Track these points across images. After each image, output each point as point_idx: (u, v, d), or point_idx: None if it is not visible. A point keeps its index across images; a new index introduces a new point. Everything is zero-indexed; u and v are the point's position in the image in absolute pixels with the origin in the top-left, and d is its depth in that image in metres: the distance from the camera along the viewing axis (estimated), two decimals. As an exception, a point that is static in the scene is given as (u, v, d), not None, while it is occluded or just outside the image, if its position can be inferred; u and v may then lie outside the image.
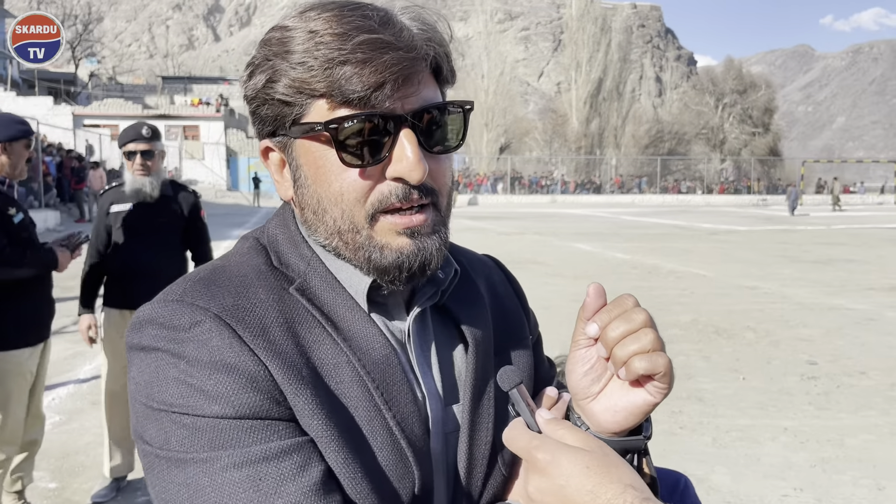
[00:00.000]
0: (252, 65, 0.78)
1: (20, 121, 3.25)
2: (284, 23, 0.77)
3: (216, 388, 0.69)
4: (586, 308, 0.76)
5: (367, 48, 0.71)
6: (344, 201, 0.76)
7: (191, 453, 0.68)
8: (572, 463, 0.65)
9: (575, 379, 0.78)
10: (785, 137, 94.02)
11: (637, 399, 0.74)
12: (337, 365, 0.76)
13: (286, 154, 0.80)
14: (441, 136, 0.78)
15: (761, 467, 4.18)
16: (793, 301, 9.55)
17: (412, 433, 0.78)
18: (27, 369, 3.22)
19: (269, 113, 0.78)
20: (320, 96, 0.73)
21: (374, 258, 0.77)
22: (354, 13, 0.74)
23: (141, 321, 0.75)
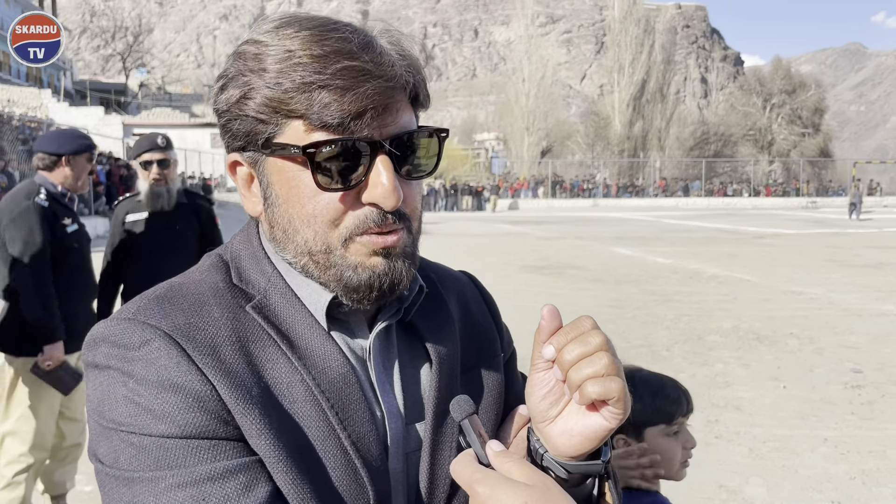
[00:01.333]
0: (224, 77, 0.78)
1: (83, 135, 3.43)
2: (259, 37, 0.76)
3: (163, 407, 0.69)
4: (542, 330, 0.75)
5: (348, 75, 0.71)
6: (317, 223, 0.76)
7: (137, 472, 0.68)
8: (511, 498, 0.65)
9: (533, 402, 0.77)
10: (836, 138, 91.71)
11: (592, 424, 0.73)
12: (290, 384, 0.76)
13: (256, 170, 0.80)
14: (416, 162, 0.79)
15: (798, 479, 4.07)
16: (839, 307, 9.28)
17: (368, 452, 0.77)
18: None
19: (241, 128, 0.77)
20: (297, 117, 0.73)
21: (345, 277, 0.77)
22: (333, 34, 0.74)
23: (95, 339, 0.75)
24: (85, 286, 3.43)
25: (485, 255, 15.69)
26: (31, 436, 3.25)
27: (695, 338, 7.55)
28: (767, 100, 67.38)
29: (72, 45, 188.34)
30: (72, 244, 3.30)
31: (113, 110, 51.04)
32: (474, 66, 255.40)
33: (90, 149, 3.34)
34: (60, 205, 3.28)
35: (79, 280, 3.38)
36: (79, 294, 3.38)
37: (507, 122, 61.98)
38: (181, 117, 50.67)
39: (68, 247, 3.29)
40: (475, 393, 0.90)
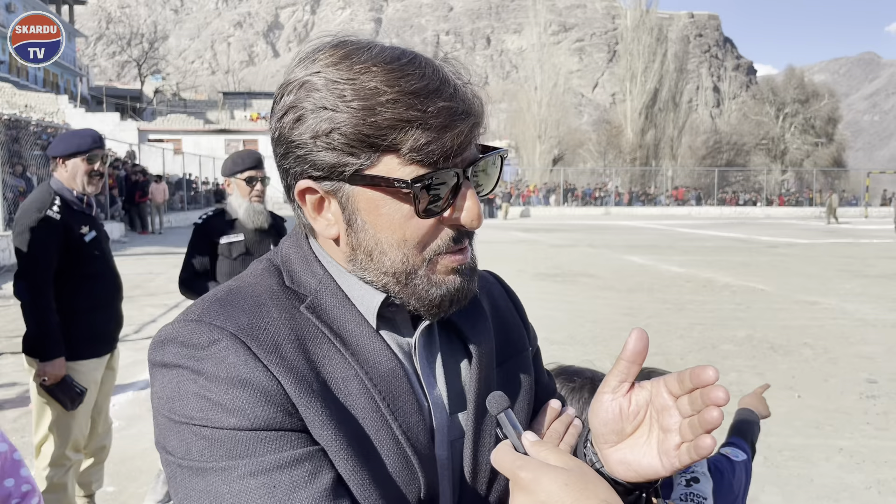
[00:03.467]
0: (298, 108, 0.80)
1: (83, 136, 3.27)
2: (325, 70, 0.79)
3: (233, 402, 0.74)
4: (628, 351, 0.80)
5: (444, 115, 0.77)
6: (407, 246, 0.82)
7: (210, 462, 0.73)
8: (552, 481, 0.69)
9: (597, 424, 0.83)
10: (850, 148, 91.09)
11: (649, 468, 0.79)
12: (345, 378, 0.81)
13: (336, 197, 0.83)
14: (485, 183, 0.86)
15: (814, 488, 4.08)
16: (854, 317, 9.26)
17: (417, 441, 0.83)
18: (93, 379, 3.33)
19: (325, 160, 0.80)
20: (391, 152, 0.77)
21: (429, 294, 0.83)
22: (413, 68, 0.78)
23: (162, 340, 0.80)
24: (111, 290, 3.41)
25: (497, 263, 15.72)
26: (68, 437, 3.27)
27: (709, 346, 7.56)
28: (780, 109, 67.12)
29: (88, 52, 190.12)
30: (92, 252, 3.24)
31: (128, 116, 51.50)
32: (486, 73, 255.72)
33: (84, 150, 3.20)
34: (75, 212, 3.20)
35: (103, 285, 3.35)
36: (105, 299, 3.36)
37: (519, 129, 62.00)
38: (196, 123, 51.02)
39: (88, 255, 3.23)
40: (509, 385, 0.96)
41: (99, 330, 3.33)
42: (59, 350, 3.12)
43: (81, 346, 3.25)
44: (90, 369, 3.31)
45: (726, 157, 63.32)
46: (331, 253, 0.88)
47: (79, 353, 3.24)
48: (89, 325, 3.27)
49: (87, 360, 3.29)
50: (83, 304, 3.23)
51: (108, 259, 3.41)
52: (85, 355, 3.27)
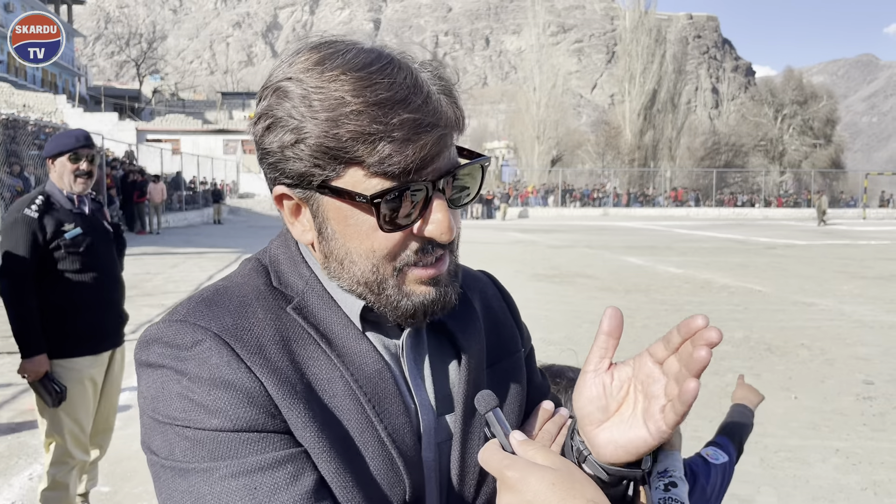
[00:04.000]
0: (270, 116, 0.79)
1: (70, 137, 3.30)
2: (300, 75, 0.78)
3: (215, 403, 0.74)
4: (602, 331, 0.79)
5: (408, 127, 0.75)
6: (375, 257, 0.80)
7: (192, 463, 0.73)
8: (539, 480, 0.69)
9: (581, 403, 0.81)
10: (848, 149, 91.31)
11: (636, 439, 0.77)
12: (330, 380, 0.81)
13: (308, 205, 0.83)
14: (462, 193, 0.84)
15: (809, 489, 4.08)
16: (851, 318, 9.26)
17: (403, 443, 0.82)
18: (87, 376, 3.32)
19: (294, 169, 0.79)
20: (356, 164, 0.76)
21: (401, 305, 0.82)
22: (382, 77, 0.76)
23: (147, 340, 0.80)
24: (104, 288, 3.37)
25: (495, 263, 15.72)
26: (72, 436, 3.28)
27: (706, 347, 7.55)
28: (779, 110, 67.19)
29: (86, 52, 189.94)
30: (76, 250, 3.24)
31: (127, 116, 51.47)
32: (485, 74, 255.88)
33: (68, 149, 3.23)
34: (60, 210, 3.22)
35: (94, 283, 3.32)
36: (96, 297, 3.33)
37: (518, 130, 62.07)
38: (194, 123, 50.98)
39: (72, 253, 3.23)
40: (500, 386, 0.95)
41: (90, 327, 3.31)
42: (38, 347, 3.13)
43: (70, 344, 3.25)
44: (83, 367, 3.30)
45: (725, 159, 63.38)
46: (319, 262, 0.88)
47: (67, 350, 3.24)
48: (78, 323, 3.26)
49: (77, 357, 3.28)
50: (69, 301, 3.23)
51: (102, 257, 3.38)
52: (75, 353, 3.26)
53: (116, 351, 3.53)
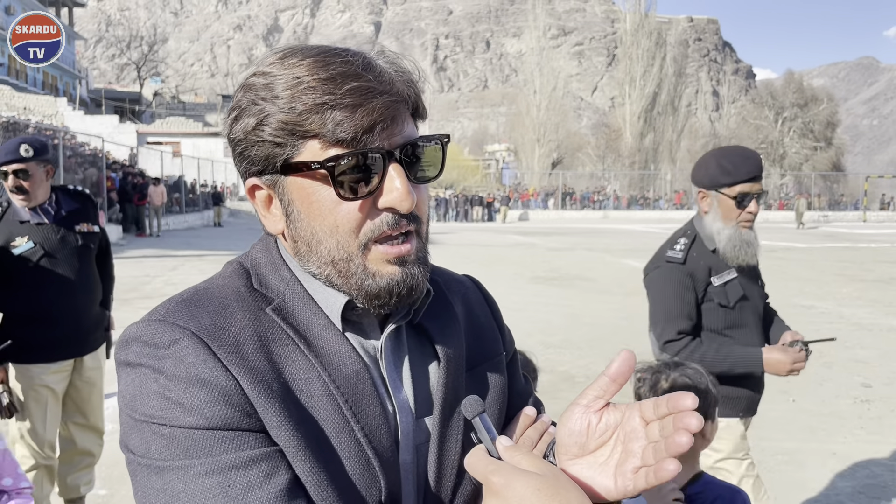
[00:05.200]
0: (237, 108, 0.83)
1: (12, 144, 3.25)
2: (265, 69, 0.82)
3: (191, 401, 0.75)
4: (611, 371, 0.79)
5: (357, 94, 0.78)
6: (339, 232, 0.82)
7: (168, 461, 0.74)
8: (524, 486, 0.69)
9: (562, 434, 0.81)
10: (849, 152, 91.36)
11: (601, 486, 0.77)
12: (308, 380, 0.81)
13: (276, 191, 0.85)
14: (423, 168, 0.85)
15: (805, 493, 4.08)
16: (850, 321, 9.26)
17: (379, 444, 0.83)
18: (40, 384, 3.28)
19: (259, 154, 0.82)
20: (312, 137, 0.79)
21: (366, 285, 0.83)
22: (336, 58, 0.80)
23: (127, 339, 0.81)
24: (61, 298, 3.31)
25: (494, 266, 15.73)
26: (31, 439, 3.29)
27: (704, 350, 7.55)
28: (779, 113, 67.23)
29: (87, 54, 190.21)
30: (24, 264, 3.20)
31: (127, 119, 51.52)
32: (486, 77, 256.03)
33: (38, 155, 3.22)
34: (12, 223, 3.20)
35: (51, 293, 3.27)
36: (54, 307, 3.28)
37: (518, 133, 62.17)
38: (195, 126, 51.04)
39: (21, 267, 3.19)
40: (480, 390, 0.96)
41: (45, 337, 3.26)
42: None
43: (24, 351, 3.23)
44: (35, 374, 3.28)
45: (725, 161, 63.26)
46: (289, 249, 0.89)
47: (22, 356, 3.24)
48: (35, 332, 3.23)
49: (30, 364, 3.26)
50: (25, 311, 3.22)
51: (63, 266, 3.31)
52: (28, 360, 3.26)
53: (87, 357, 3.48)
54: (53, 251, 3.29)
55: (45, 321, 3.28)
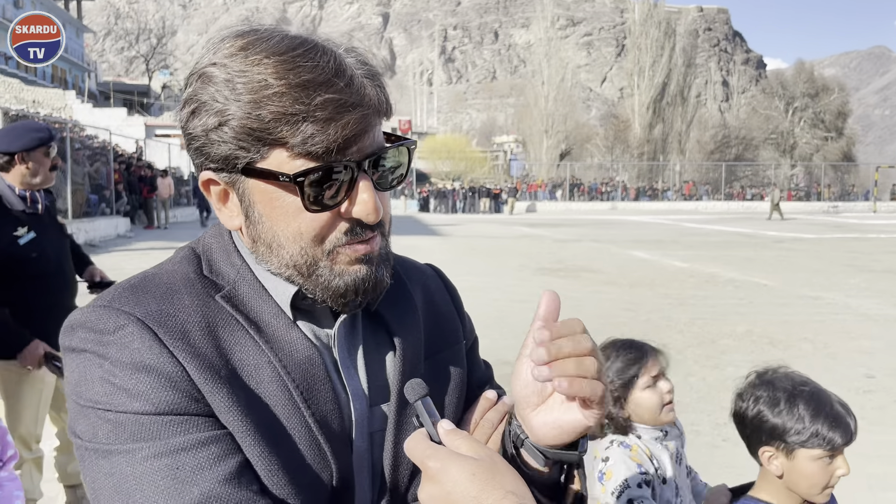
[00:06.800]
0: (195, 101, 0.80)
1: (37, 128, 3.21)
2: (224, 60, 0.78)
3: (136, 386, 0.75)
4: (539, 316, 0.79)
5: (330, 107, 0.75)
6: (303, 239, 0.81)
7: (115, 445, 0.74)
8: (460, 470, 0.69)
9: (518, 387, 0.81)
10: (860, 142, 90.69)
11: (572, 419, 0.78)
12: (258, 366, 0.81)
13: (234, 189, 0.83)
14: (390, 175, 0.85)
15: (804, 482, 4.07)
16: (856, 312, 9.21)
17: (331, 430, 0.83)
18: (39, 378, 3.23)
19: (219, 153, 0.80)
20: (279, 145, 0.77)
21: (332, 285, 0.83)
22: (305, 61, 0.76)
23: (73, 325, 0.80)
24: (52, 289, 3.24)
25: (501, 257, 15.72)
26: (18, 433, 3.25)
27: (708, 341, 7.54)
28: (790, 103, 66.79)
29: (96, 47, 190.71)
30: (28, 255, 3.11)
31: (136, 111, 51.65)
32: (494, 68, 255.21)
33: (45, 142, 3.14)
34: (11, 213, 3.10)
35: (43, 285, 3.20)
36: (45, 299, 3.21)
37: (527, 124, 61.97)
38: (202, 119, 51.09)
39: (24, 258, 3.10)
40: (439, 377, 0.96)
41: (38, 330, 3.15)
42: (22, 337, 3.05)
43: None
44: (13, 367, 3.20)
45: (735, 152, 63.04)
46: (247, 246, 0.88)
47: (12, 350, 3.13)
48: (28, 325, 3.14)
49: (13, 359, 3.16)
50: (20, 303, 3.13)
51: (54, 258, 3.25)
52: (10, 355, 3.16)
53: None
54: (49, 242, 3.26)
55: (40, 312, 3.25)
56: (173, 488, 0.72)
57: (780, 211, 33.17)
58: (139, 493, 0.72)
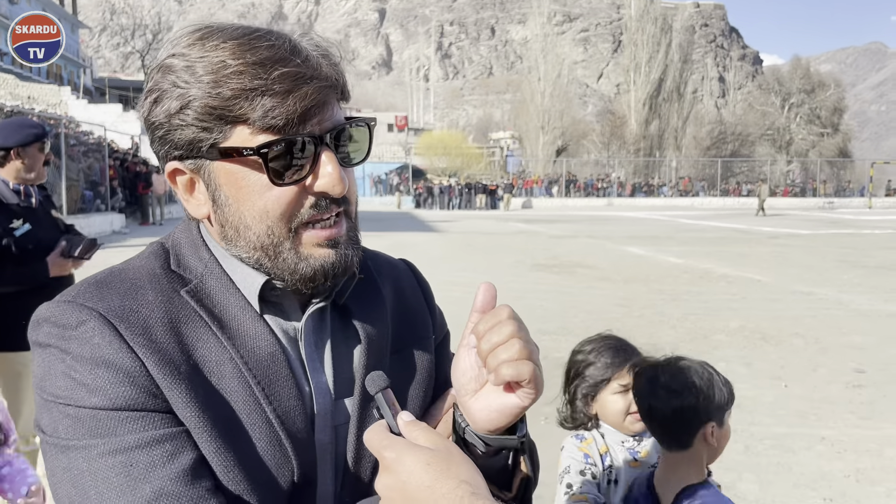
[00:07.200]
0: (156, 91, 0.82)
1: (32, 124, 3.26)
2: (182, 50, 0.80)
3: (95, 381, 0.76)
4: (475, 307, 0.81)
5: (288, 80, 0.77)
6: (269, 217, 0.82)
7: (73, 440, 0.76)
8: (415, 460, 0.70)
9: (457, 377, 0.83)
10: (856, 138, 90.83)
11: (508, 402, 0.79)
12: (219, 362, 0.82)
13: (200, 175, 0.85)
14: (351, 151, 0.86)
15: (792, 476, 4.10)
16: (848, 308, 9.25)
17: (293, 425, 0.84)
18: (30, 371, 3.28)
19: (183, 138, 0.81)
20: (241, 122, 0.79)
21: (299, 269, 0.84)
22: (261, 42, 0.79)
23: (38, 319, 0.82)
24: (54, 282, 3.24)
25: (496, 253, 15.74)
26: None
27: (700, 337, 7.57)
28: (786, 99, 66.92)
29: (92, 43, 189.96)
30: (24, 246, 3.15)
31: (131, 107, 51.49)
32: (491, 64, 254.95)
33: (40, 137, 3.19)
34: (6, 208, 3.14)
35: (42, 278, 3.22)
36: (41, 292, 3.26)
37: (523, 120, 61.94)
38: (198, 115, 50.99)
39: (21, 248, 3.14)
40: (406, 371, 0.97)
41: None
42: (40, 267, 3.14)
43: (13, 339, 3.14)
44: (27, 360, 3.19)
45: (731, 148, 63.16)
46: (213, 236, 0.89)
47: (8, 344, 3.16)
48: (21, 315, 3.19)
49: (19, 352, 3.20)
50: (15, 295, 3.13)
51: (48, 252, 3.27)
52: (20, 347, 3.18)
53: None
54: (44, 234, 3.29)
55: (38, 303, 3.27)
56: (126, 485, 0.73)
57: (764, 208, 33.23)
58: (93, 489, 0.74)
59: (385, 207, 39.62)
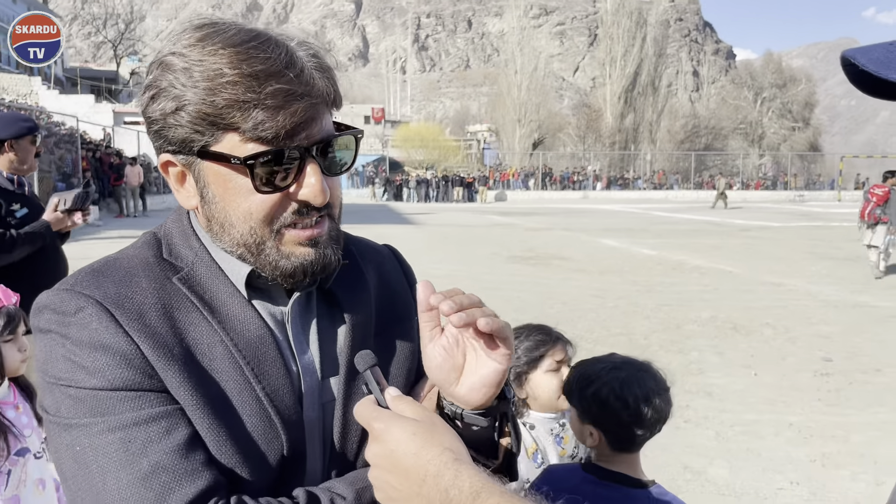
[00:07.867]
0: (154, 87, 0.86)
1: (24, 118, 3.39)
2: (182, 49, 0.84)
3: (94, 364, 0.82)
4: (421, 302, 0.85)
5: (280, 96, 0.81)
6: (252, 219, 0.87)
7: (75, 419, 0.82)
8: (401, 430, 0.76)
9: (434, 373, 0.87)
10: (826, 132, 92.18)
11: (489, 372, 0.84)
12: (210, 345, 0.88)
13: (190, 170, 0.90)
14: (337, 161, 0.91)
15: (760, 461, 4.23)
16: (817, 298, 9.46)
17: (282, 403, 0.89)
18: None
19: (176, 136, 0.86)
20: (232, 130, 0.83)
21: (280, 265, 0.89)
22: (258, 52, 0.82)
23: (39, 307, 0.87)
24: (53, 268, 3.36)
25: (472, 246, 15.82)
26: None
27: (673, 327, 7.71)
28: (758, 93, 67.83)
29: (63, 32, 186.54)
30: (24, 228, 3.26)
31: (104, 98, 50.74)
32: (468, 57, 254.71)
33: (32, 131, 3.33)
34: (6, 192, 3.27)
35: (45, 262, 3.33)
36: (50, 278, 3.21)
37: (500, 113, 61.95)
38: (172, 106, 50.34)
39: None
40: (389, 351, 1.03)
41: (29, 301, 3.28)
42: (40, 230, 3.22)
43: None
44: None
45: (704, 142, 63.86)
46: (203, 225, 0.94)
47: None
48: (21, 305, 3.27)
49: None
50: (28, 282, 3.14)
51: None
52: None
53: None
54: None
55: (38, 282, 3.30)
56: (125, 460, 0.79)
57: (726, 200, 33.56)
58: (95, 463, 0.80)
59: (361, 199, 39.54)
